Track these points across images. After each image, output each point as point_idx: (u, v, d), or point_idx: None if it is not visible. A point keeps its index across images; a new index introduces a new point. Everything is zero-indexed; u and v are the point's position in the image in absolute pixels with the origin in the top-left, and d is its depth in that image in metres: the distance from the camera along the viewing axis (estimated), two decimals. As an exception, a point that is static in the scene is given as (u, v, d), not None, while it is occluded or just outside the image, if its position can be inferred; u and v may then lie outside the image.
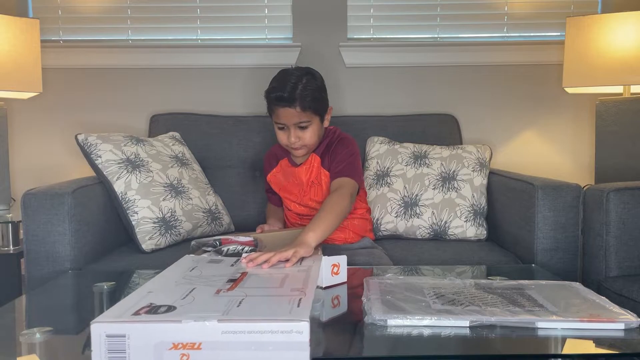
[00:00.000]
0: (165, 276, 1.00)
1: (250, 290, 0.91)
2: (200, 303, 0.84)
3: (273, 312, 0.79)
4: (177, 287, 0.93)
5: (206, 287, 0.92)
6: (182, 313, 0.78)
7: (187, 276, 1.00)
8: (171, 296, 0.87)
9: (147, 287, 0.92)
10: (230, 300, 0.85)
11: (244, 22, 2.29)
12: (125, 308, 0.80)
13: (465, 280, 1.13)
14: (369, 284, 1.09)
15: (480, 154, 1.89)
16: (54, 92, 2.24)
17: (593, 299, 1.00)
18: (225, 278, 0.99)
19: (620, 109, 1.95)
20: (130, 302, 0.83)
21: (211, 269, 1.07)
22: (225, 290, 0.91)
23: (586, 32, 1.94)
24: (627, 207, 1.45)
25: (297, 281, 0.98)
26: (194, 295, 0.88)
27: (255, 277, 1.01)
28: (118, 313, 0.78)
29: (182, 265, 1.10)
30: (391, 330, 0.89)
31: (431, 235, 1.81)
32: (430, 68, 2.28)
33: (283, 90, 1.47)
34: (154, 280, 0.97)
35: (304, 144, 1.53)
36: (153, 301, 0.84)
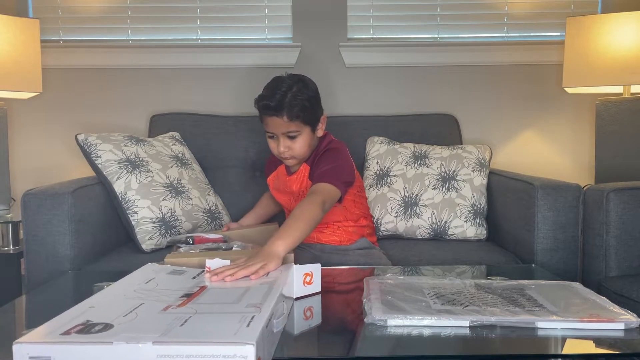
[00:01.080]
0: (116, 287, 0.93)
1: (201, 307, 0.84)
2: (141, 321, 0.76)
3: (218, 333, 0.71)
4: (123, 301, 0.85)
5: (155, 303, 0.85)
6: (117, 333, 0.71)
7: (140, 289, 0.93)
8: (113, 312, 0.79)
9: (90, 301, 0.85)
10: (175, 318, 0.77)
11: (244, 22, 2.29)
12: (57, 325, 0.73)
13: (465, 280, 1.13)
14: (369, 284, 1.09)
15: (480, 154, 1.89)
16: (54, 92, 2.24)
17: (593, 299, 1.00)
18: (180, 292, 0.92)
19: (620, 109, 1.95)
20: (66, 318, 0.76)
21: (169, 281, 0.99)
22: (175, 306, 0.83)
23: (586, 32, 1.94)
24: (627, 207, 1.45)
25: (257, 295, 0.91)
26: (138, 312, 0.80)
27: (212, 291, 0.93)
28: (46, 331, 0.71)
29: (139, 275, 1.03)
30: (391, 330, 0.90)
31: (431, 235, 1.81)
32: (430, 68, 2.28)
33: (271, 99, 1.43)
34: (102, 293, 0.89)
35: (293, 154, 1.50)
36: (90, 318, 0.76)
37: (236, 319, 0.77)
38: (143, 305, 0.84)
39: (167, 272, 1.07)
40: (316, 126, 1.52)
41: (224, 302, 0.87)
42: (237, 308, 0.83)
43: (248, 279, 1.03)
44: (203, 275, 1.05)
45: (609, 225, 1.45)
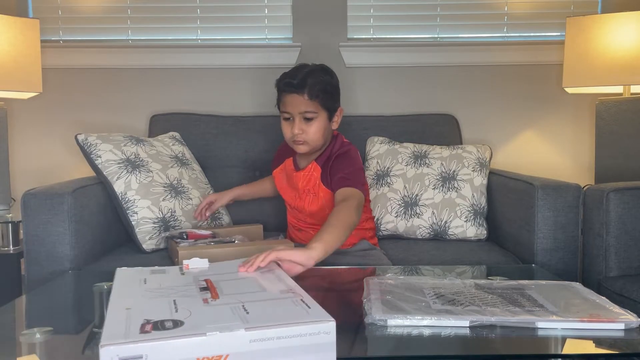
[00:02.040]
0: (124, 292, 0.89)
1: (239, 297, 0.85)
2: (205, 314, 0.77)
3: (289, 315, 0.76)
4: (153, 300, 0.83)
5: (186, 299, 0.84)
6: (196, 326, 0.72)
7: (150, 289, 0.90)
8: (160, 310, 0.78)
9: (119, 304, 0.81)
10: (231, 308, 0.79)
11: (244, 22, 2.29)
12: (123, 327, 0.71)
13: (465, 280, 1.13)
14: (369, 284, 1.09)
15: (480, 154, 1.89)
16: (54, 92, 2.24)
17: (593, 299, 1.00)
18: (192, 287, 0.91)
19: (620, 109, 1.95)
20: (118, 320, 0.74)
21: (165, 279, 0.97)
22: (211, 298, 0.84)
23: (586, 32, 1.94)
24: (627, 207, 1.45)
25: (274, 283, 0.92)
26: (184, 306, 0.80)
27: (227, 284, 0.93)
28: (122, 332, 0.70)
29: (129, 279, 0.98)
30: (391, 330, 0.90)
31: (431, 235, 1.81)
32: (430, 68, 2.28)
33: (294, 77, 1.45)
34: (118, 298, 0.85)
35: (306, 139, 1.47)
36: (146, 317, 0.75)
37: (289, 303, 0.81)
38: (178, 301, 0.83)
39: (150, 273, 1.02)
40: (333, 115, 1.52)
41: (254, 291, 0.88)
42: (274, 295, 0.86)
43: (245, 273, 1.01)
44: (185, 269, 1.03)
45: (609, 225, 1.45)
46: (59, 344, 0.88)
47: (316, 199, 1.54)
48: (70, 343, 0.90)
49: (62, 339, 0.90)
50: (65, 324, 1.00)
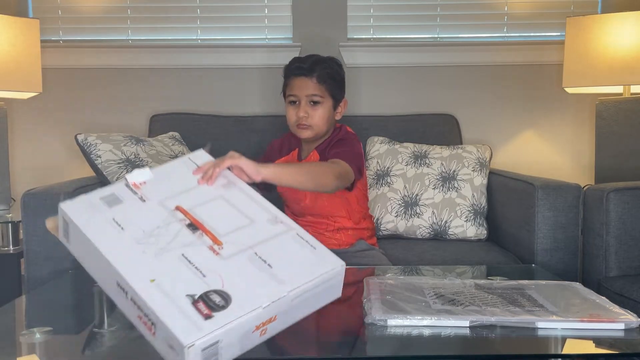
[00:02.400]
0: (113, 249, 0.87)
1: (239, 239, 0.91)
2: (233, 274, 0.84)
3: (311, 263, 0.87)
4: (165, 263, 0.85)
5: (192, 250, 0.86)
6: (245, 298, 0.80)
7: (136, 237, 0.89)
8: (186, 277, 0.82)
9: (135, 276, 0.82)
10: (252, 260, 0.87)
11: (244, 22, 2.29)
12: (180, 314, 0.76)
13: (465, 280, 1.13)
14: (369, 284, 1.09)
15: (481, 154, 1.89)
16: (54, 92, 2.23)
17: (593, 299, 1.00)
18: (175, 225, 0.91)
19: (620, 109, 1.95)
20: (164, 304, 0.78)
21: (132, 214, 0.93)
22: (216, 245, 0.89)
23: (586, 32, 1.94)
24: (627, 207, 1.45)
25: (250, 206, 0.97)
26: (203, 265, 0.85)
27: (203, 211, 0.94)
28: (187, 322, 0.75)
29: (95, 223, 0.91)
30: (391, 330, 0.90)
31: (431, 235, 1.81)
32: (430, 68, 2.28)
33: (304, 62, 1.50)
34: (122, 264, 0.84)
35: (311, 123, 1.48)
36: (184, 291, 0.80)
37: (293, 244, 0.91)
38: (188, 256, 0.87)
39: (108, 205, 0.95)
40: (337, 105, 1.55)
41: (242, 224, 0.93)
42: (268, 231, 0.93)
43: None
44: (143, 190, 0.98)
45: (609, 225, 1.45)
46: (59, 344, 0.88)
47: (304, 194, 1.53)
48: (70, 343, 0.90)
49: (62, 339, 0.90)
50: (65, 324, 1.00)
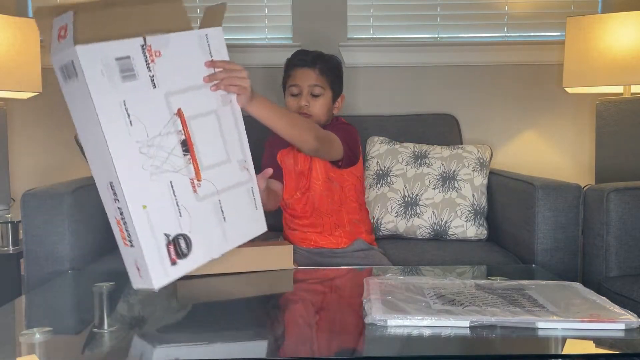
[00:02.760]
0: (116, 136, 0.91)
1: (211, 176, 1.04)
2: (199, 221, 1.00)
3: (249, 225, 1.11)
4: (152, 180, 0.95)
5: (178, 177, 0.99)
6: (200, 250, 1.00)
7: (143, 148, 0.94)
8: (167, 212, 0.97)
9: (133, 200, 0.93)
10: (215, 212, 1.04)
11: (244, 22, 2.29)
12: (157, 255, 0.95)
13: (465, 280, 1.13)
14: (369, 284, 1.09)
15: (481, 154, 1.89)
16: (54, 92, 2.22)
17: (593, 299, 1.00)
18: (173, 138, 0.99)
19: (620, 109, 1.95)
20: (148, 237, 0.95)
21: (140, 103, 0.95)
22: (196, 180, 1.01)
23: (586, 32, 1.94)
24: (628, 207, 1.45)
25: (232, 134, 1.11)
26: (181, 202, 0.98)
27: (199, 126, 1.03)
28: (160, 266, 0.96)
29: (112, 93, 0.92)
30: (391, 331, 0.90)
31: (431, 235, 1.81)
32: (430, 68, 2.28)
33: (306, 55, 1.57)
34: (122, 165, 0.91)
35: (312, 112, 1.53)
36: (163, 229, 0.95)
37: (247, 197, 1.11)
38: (174, 185, 0.98)
39: (123, 78, 0.95)
40: (336, 99, 1.61)
41: (221, 162, 1.07)
42: (235, 176, 1.09)
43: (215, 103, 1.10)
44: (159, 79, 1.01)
45: (609, 225, 1.45)
46: (59, 344, 0.88)
47: (304, 178, 1.54)
48: (70, 343, 0.90)
49: (62, 339, 0.90)
50: (65, 324, 1.00)
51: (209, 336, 0.93)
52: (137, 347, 0.88)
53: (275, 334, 0.95)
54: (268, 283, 1.25)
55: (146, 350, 0.87)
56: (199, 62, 1.08)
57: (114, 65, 0.93)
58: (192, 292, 1.22)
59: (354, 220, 1.60)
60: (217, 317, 1.04)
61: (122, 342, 0.89)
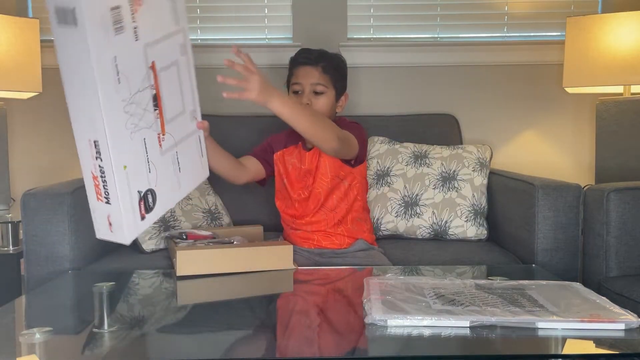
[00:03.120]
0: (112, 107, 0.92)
1: (171, 129, 1.08)
2: (163, 174, 1.05)
3: (197, 172, 1.19)
4: (132, 138, 0.97)
5: (149, 133, 1.02)
6: (162, 202, 1.05)
7: (126, 106, 0.95)
8: (141, 173, 1.00)
9: (116, 155, 0.93)
10: (173, 162, 1.09)
11: (244, 22, 2.29)
12: (131, 204, 0.97)
13: (465, 280, 1.13)
14: (369, 284, 1.09)
15: (481, 154, 1.89)
16: (54, 92, 2.23)
17: (593, 299, 1.00)
18: (147, 93, 1.00)
19: (620, 109, 1.95)
20: (124, 191, 0.96)
21: (130, 63, 0.96)
22: (161, 135, 1.04)
23: (586, 32, 1.94)
24: (628, 207, 1.45)
25: (187, 88, 1.17)
26: (153, 160, 1.03)
27: (166, 84, 1.06)
28: (135, 221, 0.99)
29: (107, 48, 0.91)
30: (391, 331, 0.90)
31: (431, 235, 1.81)
32: (430, 68, 2.28)
33: (310, 52, 1.57)
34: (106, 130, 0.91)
35: None
36: (136, 186, 0.98)
37: (195, 145, 1.17)
38: (147, 141, 1.01)
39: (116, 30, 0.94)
40: (339, 98, 1.61)
41: (178, 114, 1.12)
42: (187, 127, 1.14)
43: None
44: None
45: (609, 225, 1.45)
46: (59, 344, 0.88)
47: (311, 177, 1.55)
48: (70, 343, 0.90)
49: (62, 339, 0.90)
50: (65, 324, 1.00)
51: (209, 336, 0.93)
52: (137, 347, 0.88)
53: (275, 334, 0.95)
54: (268, 283, 1.25)
55: (146, 350, 0.87)
56: (167, 9, 1.08)
57: (108, 16, 0.90)
58: (192, 292, 1.22)
59: (357, 218, 1.61)
60: (217, 317, 1.04)
61: (122, 342, 0.89)
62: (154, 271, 1.36)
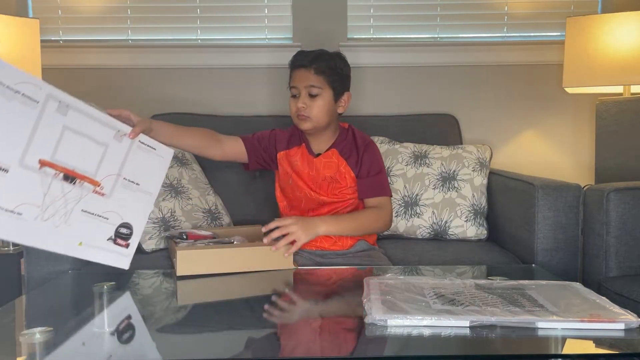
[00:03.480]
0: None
1: (104, 171, 1.14)
2: (127, 204, 1.18)
3: (159, 165, 1.26)
4: (69, 225, 1.10)
5: (84, 201, 1.11)
6: (138, 219, 1.22)
7: (44, 216, 1.07)
8: (99, 229, 1.14)
9: (62, 247, 1.10)
10: (127, 187, 1.19)
11: (244, 22, 2.29)
12: (109, 251, 1.17)
13: (465, 280, 1.13)
14: (369, 284, 1.09)
15: (481, 154, 1.89)
16: (54, 92, 2.23)
17: (593, 299, 1.00)
18: (56, 183, 1.08)
19: (620, 109, 1.95)
20: (98, 251, 1.15)
21: (17, 192, 1.04)
22: (97, 187, 1.13)
23: (586, 32, 1.94)
24: (628, 207, 1.45)
25: (97, 128, 1.15)
26: (104, 209, 1.15)
27: (69, 156, 1.09)
28: (121, 254, 1.20)
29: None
30: (391, 331, 0.90)
31: (431, 235, 1.81)
32: (430, 68, 2.28)
33: (307, 54, 1.55)
34: None
35: (310, 114, 1.51)
36: (105, 238, 1.16)
37: (141, 151, 1.23)
38: (85, 210, 1.13)
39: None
40: (339, 97, 1.57)
41: (101, 154, 1.15)
42: (120, 150, 1.18)
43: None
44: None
45: (609, 225, 1.45)
46: (59, 344, 0.88)
47: (339, 186, 1.57)
48: (70, 343, 0.90)
49: (62, 339, 0.90)
50: (65, 324, 1.00)
51: (209, 336, 0.93)
52: (137, 347, 0.88)
53: (275, 333, 0.95)
54: (268, 283, 1.25)
55: (146, 350, 0.87)
56: (16, 113, 1.06)
57: None
58: (192, 292, 1.22)
59: None
60: (217, 317, 1.04)
61: (122, 342, 0.89)
62: (154, 271, 1.36)
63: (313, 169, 1.58)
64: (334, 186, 1.57)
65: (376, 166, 1.58)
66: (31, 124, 1.03)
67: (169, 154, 1.28)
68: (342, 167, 1.57)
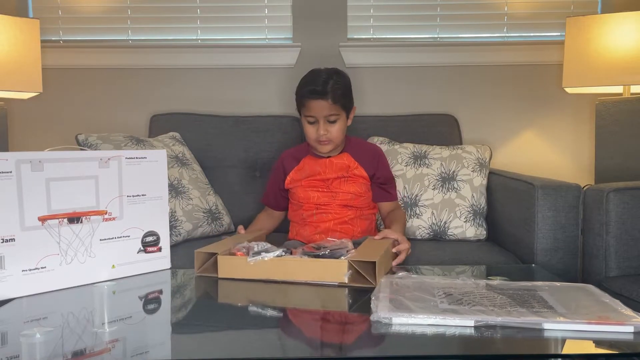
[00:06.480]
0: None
1: (105, 198, 1.22)
2: (141, 215, 1.29)
3: (156, 171, 1.36)
4: (95, 255, 1.21)
5: (99, 232, 1.21)
6: (159, 225, 1.33)
7: (67, 259, 1.17)
8: (127, 246, 1.25)
9: (94, 277, 1.20)
10: (133, 202, 1.28)
11: (244, 22, 2.29)
12: (144, 259, 1.28)
13: (477, 280, 1.13)
14: (380, 282, 1.09)
15: (480, 154, 1.89)
16: (54, 92, 2.23)
17: (606, 302, 0.99)
18: (65, 229, 1.17)
19: (620, 109, 1.95)
20: (135, 261, 1.27)
21: (31, 252, 1.14)
22: (106, 215, 1.22)
23: (586, 32, 1.95)
24: (627, 207, 1.45)
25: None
26: (122, 229, 1.25)
27: (63, 200, 1.16)
28: (156, 260, 1.32)
29: None
30: (396, 329, 0.89)
31: (431, 235, 1.81)
32: (430, 68, 2.28)
33: (316, 84, 1.57)
34: None
35: (331, 138, 1.59)
36: (136, 251, 1.28)
37: (133, 168, 1.29)
38: (103, 239, 1.23)
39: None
40: (349, 115, 1.66)
41: (93, 186, 1.20)
42: (112, 172, 1.23)
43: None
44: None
45: (609, 225, 1.45)
46: (59, 344, 0.88)
47: (353, 183, 1.65)
48: (70, 343, 0.89)
49: (62, 339, 0.90)
50: (65, 324, 1.00)
51: (209, 336, 0.93)
52: (137, 347, 0.88)
53: (278, 331, 0.95)
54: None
55: (147, 350, 0.87)
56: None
57: None
58: (192, 292, 1.22)
59: (368, 221, 1.69)
60: (219, 317, 1.04)
61: (122, 342, 0.89)
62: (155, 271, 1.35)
63: (325, 169, 1.64)
64: (348, 184, 1.64)
65: (389, 171, 1.75)
66: (15, 193, 1.09)
67: (162, 156, 1.32)
68: (353, 167, 1.65)
